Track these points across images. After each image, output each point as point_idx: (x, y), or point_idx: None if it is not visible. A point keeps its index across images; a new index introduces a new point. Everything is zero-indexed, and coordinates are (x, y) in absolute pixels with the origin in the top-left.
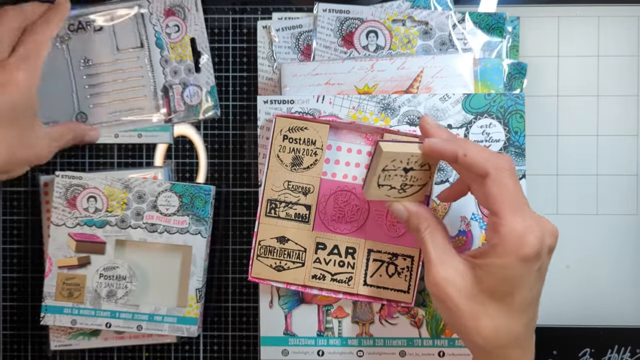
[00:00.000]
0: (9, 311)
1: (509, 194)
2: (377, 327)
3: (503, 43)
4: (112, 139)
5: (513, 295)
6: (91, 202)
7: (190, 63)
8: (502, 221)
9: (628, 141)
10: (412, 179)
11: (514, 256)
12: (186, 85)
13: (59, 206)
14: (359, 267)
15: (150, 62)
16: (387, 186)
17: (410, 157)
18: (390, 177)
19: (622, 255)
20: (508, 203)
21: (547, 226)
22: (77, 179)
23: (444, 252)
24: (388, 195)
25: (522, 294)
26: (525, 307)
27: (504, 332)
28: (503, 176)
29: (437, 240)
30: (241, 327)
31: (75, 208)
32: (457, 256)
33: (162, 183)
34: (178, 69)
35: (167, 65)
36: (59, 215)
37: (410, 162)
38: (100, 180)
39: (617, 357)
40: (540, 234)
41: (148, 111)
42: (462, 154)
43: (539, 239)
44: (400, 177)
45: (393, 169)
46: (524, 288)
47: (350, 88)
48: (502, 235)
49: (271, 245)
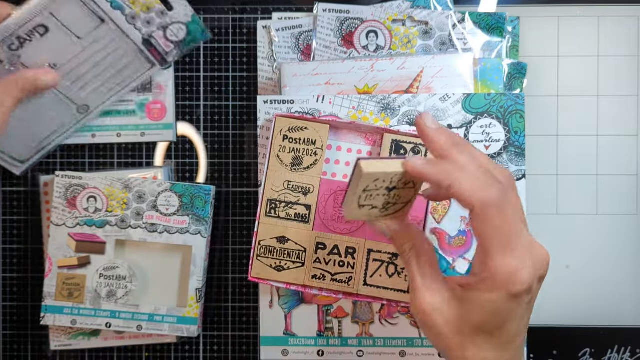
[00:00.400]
0: (9, 311)
1: (496, 232)
2: (377, 327)
3: (503, 43)
4: (114, 139)
5: (502, 329)
6: (91, 202)
7: (160, 6)
8: (491, 258)
9: (628, 141)
10: (395, 197)
11: (504, 292)
12: (166, 27)
13: (59, 206)
14: (359, 267)
15: (119, 28)
16: (368, 206)
17: (394, 177)
18: (372, 197)
19: (622, 255)
20: (496, 241)
21: (539, 257)
22: (77, 179)
23: (431, 276)
24: (369, 215)
25: (512, 326)
26: (514, 338)
27: None
28: (489, 213)
29: (422, 263)
30: (241, 327)
31: (75, 208)
32: (444, 282)
33: (162, 183)
34: (150, 18)
35: (137, 21)
36: (59, 215)
37: (393, 181)
38: (100, 180)
39: (617, 357)
40: (532, 269)
41: (143, 69)
42: (447, 185)
43: (531, 275)
44: (383, 197)
45: (375, 188)
46: (515, 321)
47: (350, 88)
48: (491, 270)
49: (271, 245)
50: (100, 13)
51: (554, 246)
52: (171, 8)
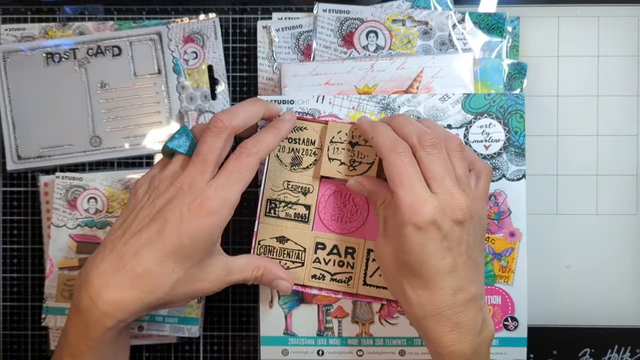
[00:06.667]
0: (9, 311)
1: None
2: (377, 327)
3: (503, 43)
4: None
5: (421, 266)
6: (91, 203)
7: (207, 90)
8: (396, 196)
9: (628, 141)
10: (359, 154)
11: (411, 225)
12: (202, 111)
13: (60, 207)
14: (359, 267)
15: (167, 88)
16: (337, 160)
17: (354, 130)
18: (339, 150)
19: (622, 255)
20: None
21: (452, 200)
22: (77, 180)
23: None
24: (339, 172)
25: (431, 263)
26: (442, 277)
27: (427, 302)
28: (393, 158)
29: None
30: (241, 327)
31: (76, 209)
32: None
33: None
34: (194, 96)
35: (184, 92)
36: (60, 217)
37: (355, 136)
38: (101, 181)
39: (617, 357)
40: (438, 205)
41: (162, 137)
42: (370, 137)
43: (435, 208)
44: (348, 152)
45: (340, 141)
46: (432, 258)
47: (350, 88)
48: (398, 206)
49: (271, 245)
50: (162, 65)
51: (554, 246)
52: (214, 97)
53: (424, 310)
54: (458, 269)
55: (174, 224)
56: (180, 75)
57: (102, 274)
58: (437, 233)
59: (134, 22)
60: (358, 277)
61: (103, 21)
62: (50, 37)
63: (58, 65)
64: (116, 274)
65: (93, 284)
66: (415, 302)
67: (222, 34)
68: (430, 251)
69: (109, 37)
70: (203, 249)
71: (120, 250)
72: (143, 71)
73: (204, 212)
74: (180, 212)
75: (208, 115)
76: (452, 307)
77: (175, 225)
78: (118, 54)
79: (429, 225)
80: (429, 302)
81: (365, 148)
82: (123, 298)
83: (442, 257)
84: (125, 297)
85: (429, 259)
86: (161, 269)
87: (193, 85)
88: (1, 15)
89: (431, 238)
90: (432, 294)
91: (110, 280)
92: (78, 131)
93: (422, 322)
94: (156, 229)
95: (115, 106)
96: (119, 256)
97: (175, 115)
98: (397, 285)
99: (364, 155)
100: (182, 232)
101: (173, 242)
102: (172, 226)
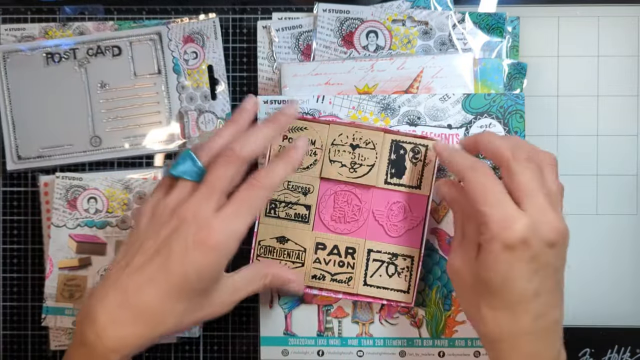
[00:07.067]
0: (9, 311)
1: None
2: (377, 327)
3: (503, 43)
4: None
5: (505, 287)
6: (91, 203)
7: (207, 90)
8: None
9: (628, 141)
10: (360, 157)
11: (499, 242)
12: (202, 111)
13: (60, 207)
14: (359, 267)
15: (167, 88)
16: (338, 162)
17: (355, 133)
18: (340, 152)
19: (621, 255)
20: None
21: (547, 221)
22: (77, 180)
23: (469, 238)
24: (340, 174)
25: (515, 286)
26: (526, 300)
27: (506, 324)
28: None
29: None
30: (241, 327)
31: (76, 209)
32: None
33: None
34: (194, 96)
35: (184, 92)
36: (60, 217)
37: (355, 139)
38: (101, 181)
39: (617, 357)
40: (531, 224)
41: (162, 137)
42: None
43: (526, 227)
44: (349, 154)
45: (341, 143)
46: (517, 279)
47: (350, 88)
48: (484, 223)
49: (271, 245)
50: (162, 65)
51: None
52: (214, 97)
53: (501, 333)
54: (543, 293)
55: (178, 256)
56: (180, 75)
57: (106, 307)
58: (526, 253)
59: (134, 22)
60: (358, 278)
61: (103, 21)
62: (50, 37)
63: (58, 65)
64: (120, 309)
65: (98, 320)
66: (491, 322)
67: (222, 34)
68: (516, 272)
69: (109, 37)
70: (209, 279)
71: (124, 283)
72: (143, 71)
73: (210, 244)
74: (185, 243)
75: (208, 115)
76: (532, 332)
77: (179, 258)
78: (118, 54)
79: (520, 244)
80: (508, 325)
81: (366, 150)
82: (128, 334)
83: (529, 280)
84: (130, 334)
85: (515, 280)
86: (165, 305)
87: (193, 85)
88: (1, 15)
89: (520, 258)
90: (513, 317)
91: (115, 315)
92: (78, 131)
93: (496, 345)
94: (160, 263)
95: (115, 106)
96: (123, 290)
97: (175, 115)
98: (472, 302)
99: (365, 157)
100: (187, 266)
101: (177, 277)
102: (176, 259)
